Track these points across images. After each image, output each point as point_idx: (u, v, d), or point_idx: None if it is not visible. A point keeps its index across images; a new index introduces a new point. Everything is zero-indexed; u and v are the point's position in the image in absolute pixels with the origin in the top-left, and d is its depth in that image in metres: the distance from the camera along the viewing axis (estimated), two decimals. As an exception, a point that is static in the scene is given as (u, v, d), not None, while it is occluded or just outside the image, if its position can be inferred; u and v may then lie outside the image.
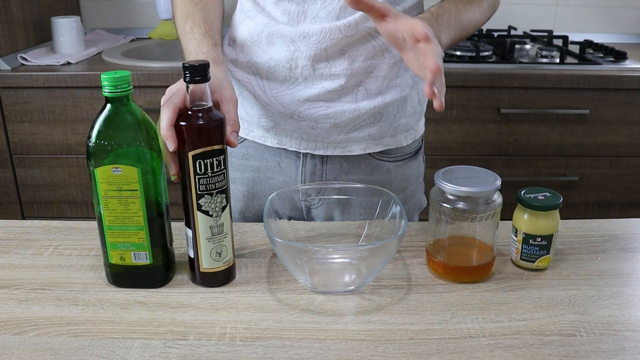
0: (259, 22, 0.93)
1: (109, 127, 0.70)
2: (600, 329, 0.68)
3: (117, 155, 0.70)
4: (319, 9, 0.89)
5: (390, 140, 0.99)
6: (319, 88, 0.91)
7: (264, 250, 0.85)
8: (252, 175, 1.02)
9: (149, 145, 0.71)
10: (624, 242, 0.88)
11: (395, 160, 1.01)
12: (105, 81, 0.68)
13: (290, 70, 0.92)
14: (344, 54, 0.90)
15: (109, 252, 0.74)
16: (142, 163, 0.70)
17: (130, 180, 0.70)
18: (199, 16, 0.90)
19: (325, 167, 0.99)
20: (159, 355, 0.64)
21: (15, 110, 1.77)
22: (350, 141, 0.96)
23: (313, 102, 0.92)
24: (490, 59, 1.87)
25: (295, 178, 1.00)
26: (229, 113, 0.75)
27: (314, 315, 0.71)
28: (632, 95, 1.77)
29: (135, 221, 0.72)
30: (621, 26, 2.29)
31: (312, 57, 0.89)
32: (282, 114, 0.94)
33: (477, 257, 0.78)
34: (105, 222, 0.73)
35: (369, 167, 1.00)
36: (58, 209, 1.90)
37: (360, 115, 0.93)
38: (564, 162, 1.86)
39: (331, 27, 0.88)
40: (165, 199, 0.75)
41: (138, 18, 2.28)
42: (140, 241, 0.73)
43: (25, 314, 0.71)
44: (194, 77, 0.69)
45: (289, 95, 0.93)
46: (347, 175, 0.99)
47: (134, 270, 0.75)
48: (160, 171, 0.73)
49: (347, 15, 0.88)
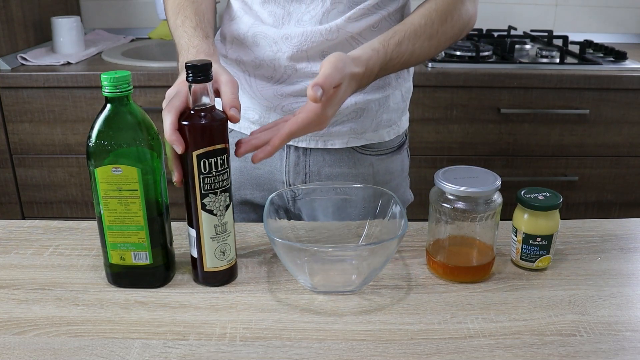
0: (245, 22, 0.95)
1: (109, 127, 0.70)
2: (600, 329, 0.68)
3: (117, 155, 0.70)
4: (303, 12, 0.90)
5: (372, 135, 1.00)
6: (302, 85, 0.94)
7: (264, 250, 0.85)
8: (239, 164, 1.04)
9: (149, 145, 0.71)
10: (624, 242, 0.88)
11: (377, 154, 1.02)
12: (105, 81, 0.68)
13: (274, 69, 0.94)
14: (325, 56, 0.90)
15: (109, 252, 0.74)
16: (142, 163, 0.70)
17: (130, 180, 0.70)
18: (189, 9, 0.90)
19: (309, 159, 1.00)
20: (159, 355, 0.64)
21: (15, 110, 1.77)
22: (332, 135, 0.98)
23: (296, 97, 0.95)
24: (490, 59, 1.86)
25: (279, 169, 1.02)
26: (225, 94, 0.74)
27: (314, 315, 0.71)
28: (632, 95, 1.77)
29: (135, 221, 0.72)
30: (621, 26, 2.29)
31: (292, 57, 0.91)
32: (266, 108, 0.97)
33: (477, 257, 0.78)
34: (105, 222, 0.73)
35: (351, 160, 1.01)
36: (58, 209, 1.90)
37: (342, 111, 0.95)
38: (564, 162, 1.86)
39: (313, 31, 0.90)
40: (165, 199, 0.75)
41: (138, 18, 2.28)
42: (140, 241, 0.73)
43: (25, 314, 0.71)
44: (197, 77, 0.69)
45: (273, 90, 0.95)
46: (330, 168, 1.01)
47: (134, 270, 0.75)
48: (160, 171, 0.73)
49: (329, 20, 0.90)
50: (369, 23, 0.91)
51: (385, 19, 0.93)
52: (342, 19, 0.89)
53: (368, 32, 0.92)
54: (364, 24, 0.91)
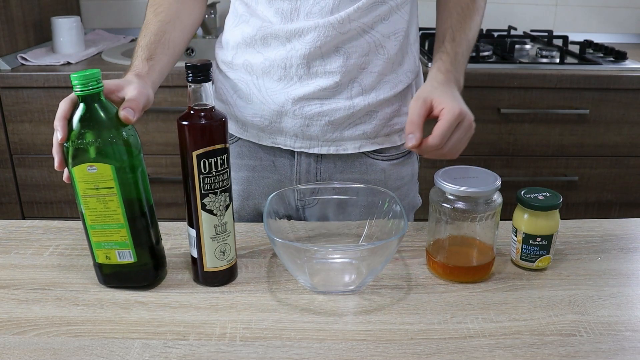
0: (253, 25, 0.93)
1: (82, 125, 0.69)
2: (600, 329, 0.68)
3: (91, 154, 0.69)
4: (312, 4, 0.89)
5: (384, 139, 0.99)
6: (314, 86, 0.92)
7: (264, 250, 0.85)
8: (246, 174, 1.03)
9: (124, 142, 0.70)
10: (624, 242, 0.88)
11: (389, 159, 1.01)
12: (75, 80, 0.68)
13: (285, 69, 0.92)
14: (339, 51, 0.90)
15: (94, 252, 0.74)
16: (116, 160, 0.70)
17: (105, 177, 0.70)
18: (152, 27, 0.93)
19: (320, 165, 0.99)
20: (159, 355, 0.64)
21: (15, 110, 1.77)
22: (344, 139, 0.96)
23: (307, 100, 0.93)
24: (490, 59, 1.87)
25: (290, 177, 1.00)
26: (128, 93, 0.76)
27: (314, 315, 0.71)
28: (632, 95, 1.77)
29: (115, 219, 0.72)
30: (621, 26, 2.29)
31: (306, 56, 0.90)
32: (276, 113, 0.95)
33: (477, 257, 0.78)
34: (87, 222, 0.73)
35: (363, 166, 1.00)
36: (58, 209, 1.90)
37: (355, 113, 0.94)
38: (564, 162, 1.86)
39: (325, 24, 0.88)
40: (147, 197, 0.74)
41: (138, 18, 2.28)
42: (122, 239, 0.73)
43: (25, 314, 0.71)
44: (196, 77, 0.69)
45: (283, 94, 0.93)
46: (341, 174, 0.99)
47: (121, 269, 0.75)
48: (139, 169, 0.73)
49: (340, 10, 0.89)
50: (378, 14, 0.90)
51: (394, 10, 0.92)
52: (353, 9, 0.88)
53: (379, 25, 0.91)
54: (374, 16, 0.90)
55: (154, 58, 0.89)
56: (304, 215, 1.00)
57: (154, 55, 0.90)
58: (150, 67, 0.88)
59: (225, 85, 1.01)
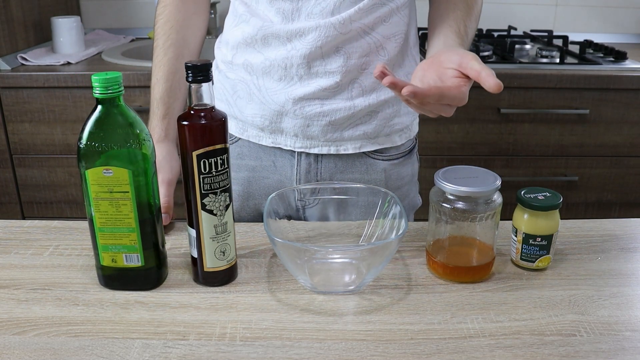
0: (254, 25, 0.93)
1: (99, 128, 0.69)
2: (600, 329, 0.68)
3: (108, 157, 0.69)
4: (313, 5, 0.89)
5: (384, 139, 0.99)
6: (314, 86, 0.92)
7: (264, 250, 0.85)
8: (247, 174, 1.03)
9: (140, 147, 0.71)
10: (624, 242, 0.88)
11: (390, 159, 1.01)
12: (96, 82, 0.67)
13: (285, 69, 0.92)
14: (339, 51, 0.90)
15: (100, 255, 0.74)
16: (133, 165, 0.70)
17: (121, 181, 0.70)
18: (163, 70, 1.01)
19: (320, 165, 0.99)
20: (159, 355, 0.64)
21: (15, 110, 1.77)
22: (344, 140, 0.97)
23: (308, 100, 0.93)
24: (490, 59, 1.87)
25: (290, 177, 1.00)
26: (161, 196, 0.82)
27: (314, 315, 0.71)
28: (632, 95, 1.77)
29: (126, 223, 0.72)
30: (621, 26, 2.29)
31: (307, 56, 0.90)
32: (277, 113, 0.95)
33: (477, 257, 0.78)
34: (96, 224, 0.72)
35: (363, 166, 1.00)
36: (58, 209, 1.90)
37: (356, 113, 0.94)
38: (564, 162, 1.86)
39: (326, 24, 0.88)
40: (157, 200, 0.75)
41: (138, 18, 2.28)
42: (132, 243, 0.73)
43: (25, 314, 0.71)
44: (196, 77, 0.69)
45: (284, 94, 0.93)
46: (342, 174, 0.99)
47: (125, 272, 0.74)
48: (152, 173, 0.73)
49: (341, 11, 0.89)
50: (379, 15, 0.90)
51: (395, 12, 0.92)
52: (354, 10, 0.88)
53: (380, 26, 0.91)
54: (375, 17, 0.90)
55: (170, 112, 0.99)
56: (304, 215, 1.00)
57: (169, 109, 0.98)
58: (167, 124, 0.98)
59: (225, 85, 1.01)
